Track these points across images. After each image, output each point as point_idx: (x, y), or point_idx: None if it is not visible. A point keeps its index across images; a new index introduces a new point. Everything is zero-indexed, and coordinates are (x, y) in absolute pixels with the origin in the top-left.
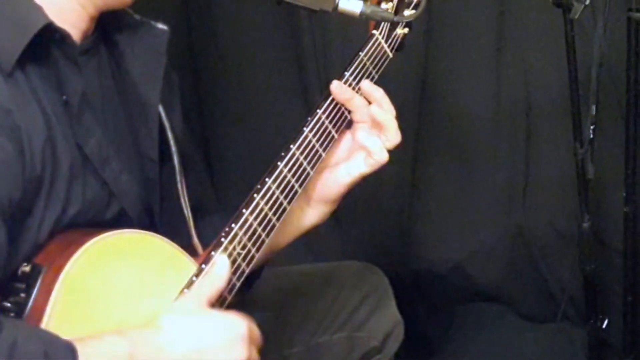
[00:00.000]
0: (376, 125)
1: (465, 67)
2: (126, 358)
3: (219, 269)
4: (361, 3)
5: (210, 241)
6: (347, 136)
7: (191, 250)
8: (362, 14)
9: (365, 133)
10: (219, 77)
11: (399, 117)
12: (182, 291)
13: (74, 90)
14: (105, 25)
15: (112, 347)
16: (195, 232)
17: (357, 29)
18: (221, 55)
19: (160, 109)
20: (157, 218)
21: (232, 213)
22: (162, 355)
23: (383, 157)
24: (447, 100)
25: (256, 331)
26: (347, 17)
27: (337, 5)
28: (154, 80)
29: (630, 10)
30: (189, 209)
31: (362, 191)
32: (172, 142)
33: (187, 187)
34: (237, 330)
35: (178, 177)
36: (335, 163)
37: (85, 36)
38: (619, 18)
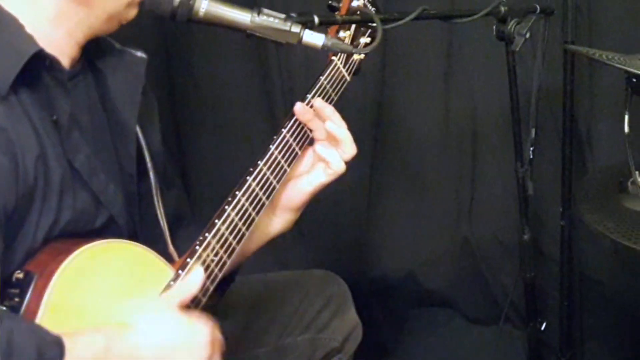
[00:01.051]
0: (333, 139)
1: (417, 92)
2: (102, 351)
3: (194, 277)
4: (323, 36)
5: (187, 249)
6: (309, 152)
7: (167, 257)
8: (323, 46)
9: (324, 147)
10: (194, 100)
11: (357, 137)
12: (160, 295)
13: (63, 110)
14: (90, 53)
15: (91, 341)
16: (173, 241)
17: (318, 55)
18: (196, 82)
19: (138, 129)
20: (138, 227)
21: (206, 223)
22: (132, 350)
23: (340, 168)
24: (401, 121)
25: (219, 337)
26: (310, 48)
27: (302, 39)
28: (132, 104)
29: (566, 42)
30: (164, 220)
31: (323, 206)
32: (148, 160)
33: (164, 201)
34: (199, 335)
35: (154, 192)
36: (298, 175)
37: (73, 63)
38: (556, 50)
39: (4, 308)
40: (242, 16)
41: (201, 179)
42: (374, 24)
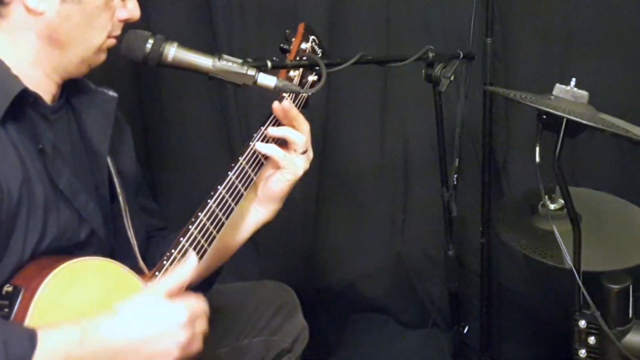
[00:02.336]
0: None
1: (356, 125)
2: (77, 342)
3: (185, 266)
4: (275, 78)
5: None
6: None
7: (138, 270)
8: (275, 87)
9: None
10: (163, 133)
11: None
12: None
13: (48, 140)
14: (68, 92)
15: (67, 333)
16: (143, 256)
17: (271, 94)
18: (164, 117)
19: (109, 158)
20: (113, 243)
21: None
22: (106, 343)
23: (299, 172)
24: (342, 151)
25: (199, 308)
26: (263, 89)
27: (256, 81)
28: (104, 136)
29: (485, 83)
30: (134, 238)
31: (276, 224)
32: (117, 185)
33: (137, 220)
34: (175, 318)
35: (124, 213)
36: (275, 171)
37: (54, 99)
38: (477, 90)
39: None
40: (204, 61)
41: (169, 199)
42: (319, 68)
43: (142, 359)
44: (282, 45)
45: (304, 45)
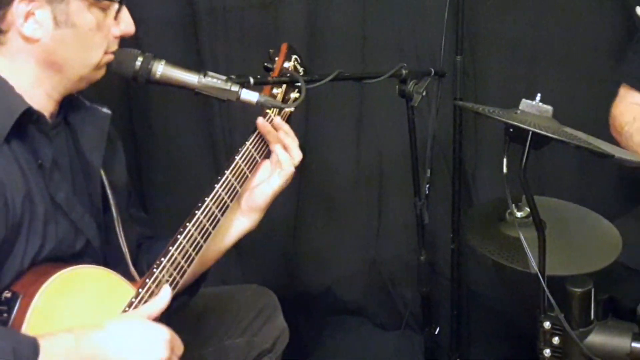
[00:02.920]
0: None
1: (334, 138)
2: (73, 348)
3: (163, 296)
4: (257, 94)
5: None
6: (265, 165)
7: (130, 277)
8: (257, 102)
9: (280, 152)
10: (152, 148)
11: None
12: (124, 310)
13: (47, 155)
14: (65, 109)
15: (64, 340)
16: (134, 262)
17: (254, 109)
18: (153, 131)
19: (102, 172)
20: (106, 251)
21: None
22: (96, 349)
23: (291, 170)
24: (321, 162)
25: (178, 341)
26: (246, 104)
27: (239, 96)
28: (98, 151)
29: (455, 99)
30: (126, 247)
31: (257, 232)
32: (110, 197)
33: (128, 230)
34: (159, 335)
35: (116, 223)
36: (259, 183)
37: (52, 116)
38: (447, 105)
39: None
40: (190, 78)
41: (158, 209)
42: (299, 84)
43: None
44: (266, 64)
45: (286, 64)
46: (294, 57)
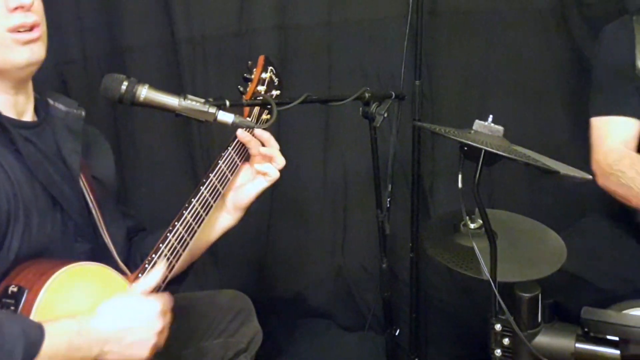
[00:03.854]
0: (267, 157)
1: (303, 155)
2: (75, 333)
3: (156, 271)
4: (232, 115)
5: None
6: (247, 166)
7: (120, 271)
8: (233, 123)
9: (261, 165)
10: (136, 164)
11: None
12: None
13: (29, 154)
14: (44, 114)
15: (67, 325)
16: (126, 256)
17: (230, 129)
18: (137, 149)
19: (81, 175)
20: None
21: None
22: (95, 333)
23: (277, 175)
24: (291, 178)
25: (167, 302)
26: (223, 124)
27: (216, 117)
28: (75, 153)
29: (414, 120)
30: (111, 244)
31: (233, 240)
32: (88, 196)
33: (117, 227)
34: (151, 310)
35: (99, 223)
36: (242, 184)
37: (32, 116)
38: (407, 125)
39: None
40: (171, 100)
41: (142, 216)
42: (270, 106)
43: (125, 346)
44: (245, 75)
45: (264, 75)
46: (269, 68)
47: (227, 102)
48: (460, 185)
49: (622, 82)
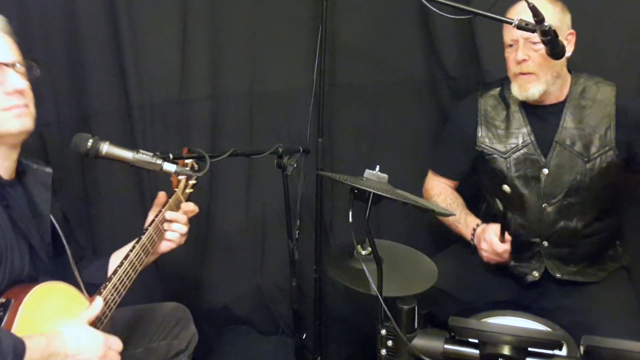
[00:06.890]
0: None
1: (230, 196)
2: (45, 346)
3: (95, 305)
4: (174, 165)
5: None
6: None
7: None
8: (175, 171)
9: (171, 233)
10: (99, 204)
11: (196, 222)
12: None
13: (14, 207)
14: (20, 172)
15: (38, 340)
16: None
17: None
18: (99, 191)
19: (53, 218)
20: (61, 272)
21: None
22: (60, 347)
23: (181, 239)
24: (221, 216)
25: (114, 340)
26: (167, 173)
27: (162, 167)
28: (46, 202)
29: (317, 169)
30: (79, 277)
31: (175, 261)
32: (62, 238)
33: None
34: (97, 338)
35: (69, 254)
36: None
37: (11, 174)
38: (312, 173)
39: None
40: (127, 154)
41: (105, 246)
42: (204, 158)
43: None
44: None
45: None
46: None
47: (170, 156)
48: (350, 220)
49: (459, 151)
